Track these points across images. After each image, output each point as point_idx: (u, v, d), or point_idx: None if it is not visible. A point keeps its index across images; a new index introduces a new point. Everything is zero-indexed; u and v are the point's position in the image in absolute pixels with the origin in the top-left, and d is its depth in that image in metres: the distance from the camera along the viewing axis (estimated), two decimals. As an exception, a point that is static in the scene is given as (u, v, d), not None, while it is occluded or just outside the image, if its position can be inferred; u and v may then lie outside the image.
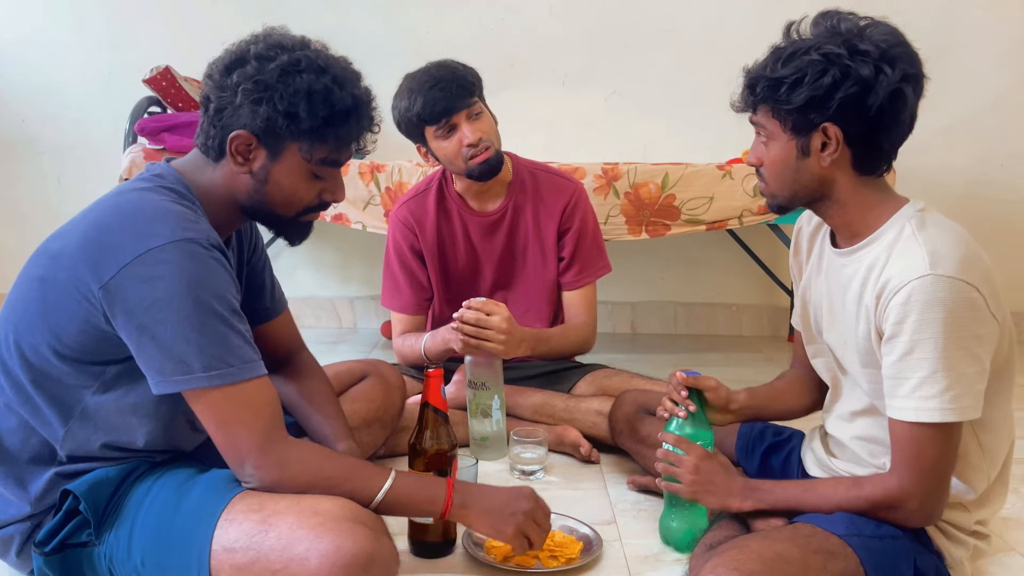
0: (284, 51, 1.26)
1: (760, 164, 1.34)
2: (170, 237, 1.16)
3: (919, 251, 1.20)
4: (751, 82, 1.30)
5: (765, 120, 1.30)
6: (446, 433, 1.47)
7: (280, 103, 1.23)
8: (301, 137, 1.26)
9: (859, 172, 1.29)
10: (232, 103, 1.25)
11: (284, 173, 1.29)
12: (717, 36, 3.16)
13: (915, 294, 1.17)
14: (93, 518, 1.22)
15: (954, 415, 1.18)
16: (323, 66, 1.26)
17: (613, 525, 1.64)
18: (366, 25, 3.15)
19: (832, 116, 1.23)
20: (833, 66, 1.21)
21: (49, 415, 1.24)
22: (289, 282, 1.65)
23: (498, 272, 2.12)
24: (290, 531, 1.14)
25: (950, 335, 1.17)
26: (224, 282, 1.20)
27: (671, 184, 2.56)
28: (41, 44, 3.24)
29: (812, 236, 1.47)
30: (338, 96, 1.26)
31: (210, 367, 1.16)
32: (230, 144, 1.26)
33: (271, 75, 1.24)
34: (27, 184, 3.35)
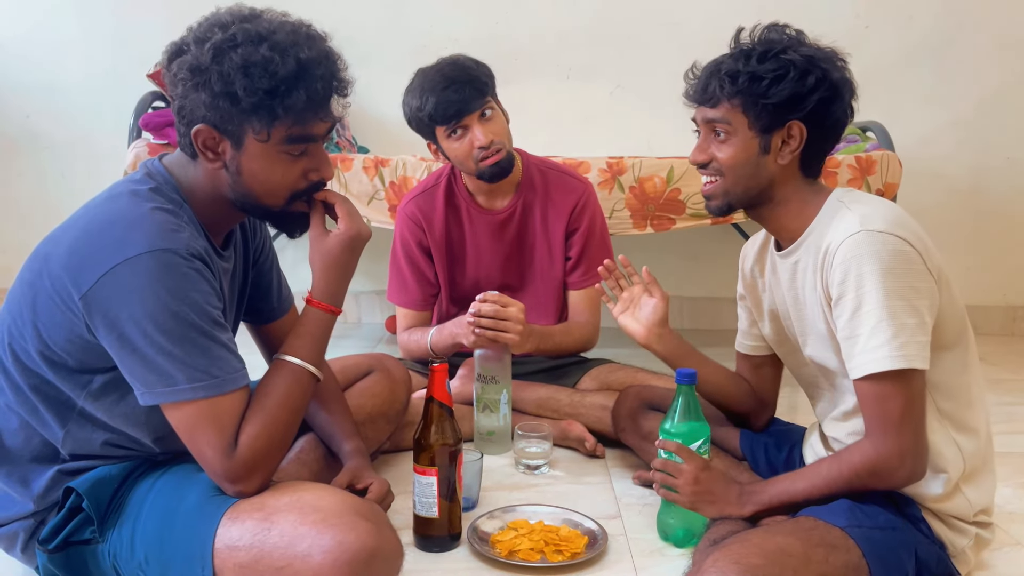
0: (220, 28, 1.18)
1: (710, 161, 1.38)
2: (147, 247, 1.13)
3: (850, 216, 1.27)
4: (730, 74, 1.32)
5: (730, 115, 1.34)
6: (451, 427, 1.47)
7: (216, 84, 1.16)
8: (250, 118, 1.18)
9: (804, 173, 1.37)
10: (183, 97, 1.20)
11: (252, 160, 1.22)
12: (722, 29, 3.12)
13: (850, 250, 1.23)
14: (96, 515, 1.22)
15: (903, 361, 1.21)
16: (261, 35, 1.17)
17: (618, 519, 1.64)
18: (371, 19, 3.15)
19: (803, 116, 1.31)
20: (816, 68, 1.30)
21: (47, 417, 1.24)
22: (293, 277, 1.65)
23: (506, 270, 2.12)
24: (292, 528, 1.14)
25: (888, 286, 1.22)
26: (203, 293, 1.18)
27: (676, 178, 2.56)
28: (45, 40, 3.24)
29: (759, 257, 1.52)
30: (278, 64, 1.16)
31: (194, 379, 1.15)
32: (195, 141, 1.21)
33: (205, 57, 1.16)
34: (31, 180, 3.36)
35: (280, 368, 1.28)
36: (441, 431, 1.46)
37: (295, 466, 1.53)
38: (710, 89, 1.35)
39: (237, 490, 1.20)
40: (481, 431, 1.95)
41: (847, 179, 2.54)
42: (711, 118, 1.36)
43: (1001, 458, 1.39)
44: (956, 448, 1.31)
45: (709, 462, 1.47)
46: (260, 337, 1.57)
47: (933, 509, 1.32)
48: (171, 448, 1.29)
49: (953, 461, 1.31)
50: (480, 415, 1.94)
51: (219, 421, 1.17)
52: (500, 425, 1.93)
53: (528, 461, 1.87)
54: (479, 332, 1.87)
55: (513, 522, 1.55)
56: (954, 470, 1.30)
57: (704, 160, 1.38)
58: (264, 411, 1.22)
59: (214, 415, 1.17)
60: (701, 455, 1.47)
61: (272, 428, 1.22)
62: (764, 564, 1.14)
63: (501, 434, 1.94)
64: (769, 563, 1.15)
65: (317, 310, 1.33)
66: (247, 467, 1.19)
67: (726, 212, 1.41)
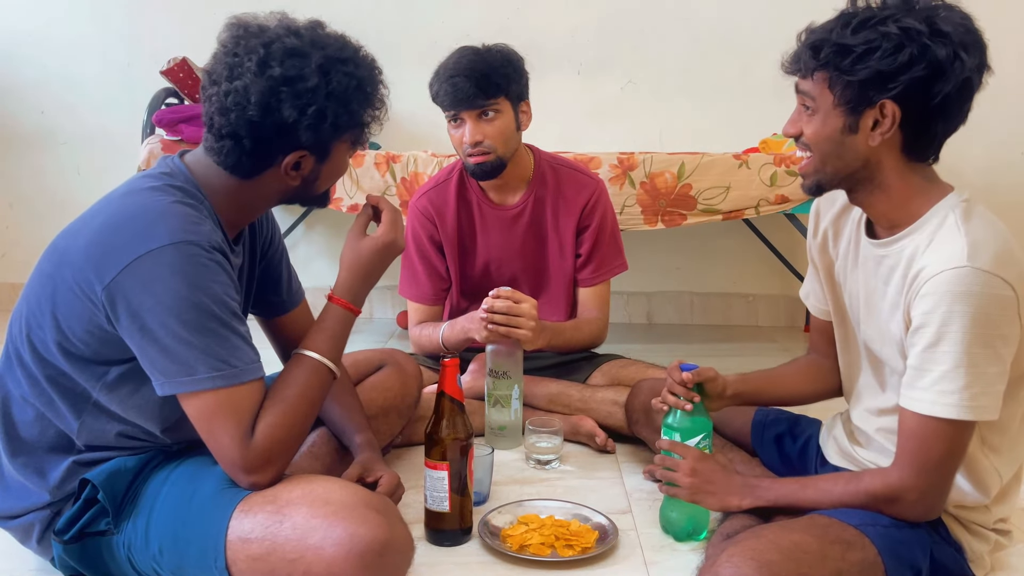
0: (302, 58, 1.20)
1: (799, 135, 1.27)
2: (170, 239, 1.15)
3: (959, 241, 1.16)
4: (815, 44, 1.20)
5: (817, 89, 1.22)
6: (462, 422, 1.48)
7: (340, 118, 1.23)
8: (351, 131, 1.28)
9: (908, 157, 1.23)
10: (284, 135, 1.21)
11: (334, 165, 1.32)
12: (734, 24, 3.14)
13: (948, 285, 1.14)
14: (111, 507, 1.24)
15: (971, 413, 1.16)
16: (338, 56, 1.24)
17: (629, 514, 1.65)
18: (382, 15, 3.15)
19: (895, 95, 1.17)
20: (912, 43, 1.14)
21: (63, 408, 1.25)
22: (305, 272, 1.66)
23: (517, 265, 2.12)
24: (304, 521, 1.15)
25: (977, 331, 1.14)
26: (223, 285, 1.20)
27: (687, 173, 2.55)
28: (60, 36, 3.26)
29: (837, 221, 1.41)
30: (364, 79, 1.26)
31: (213, 368, 1.16)
32: (283, 166, 1.25)
33: (318, 96, 1.20)
34: (46, 175, 3.38)
35: (299, 362, 1.30)
36: (452, 425, 1.47)
37: (307, 459, 1.54)
38: (801, 57, 1.23)
39: (251, 481, 1.20)
40: (492, 426, 1.95)
41: (860, 174, 2.53)
42: (801, 90, 1.25)
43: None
44: (997, 476, 1.28)
45: (707, 454, 1.46)
46: (271, 330, 1.58)
47: (953, 513, 1.30)
48: (182, 439, 1.30)
49: (991, 487, 1.29)
50: (491, 410, 1.95)
51: (237, 411, 1.18)
52: (511, 420, 1.94)
53: (539, 456, 1.87)
54: (492, 328, 1.87)
55: (524, 516, 1.55)
56: (988, 494, 1.29)
57: (793, 133, 1.28)
58: (283, 402, 1.23)
59: (232, 405, 1.18)
60: (700, 449, 1.46)
61: (290, 419, 1.23)
62: (780, 560, 1.13)
63: (512, 429, 1.94)
64: (785, 559, 1.14)
65: (337, 307, 1.36)
66: (263, 457, 1.20)
67: (816, 192, 1.31)
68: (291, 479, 1.24)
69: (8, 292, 3.36)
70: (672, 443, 1.46)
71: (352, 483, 1.27)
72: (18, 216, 3.42)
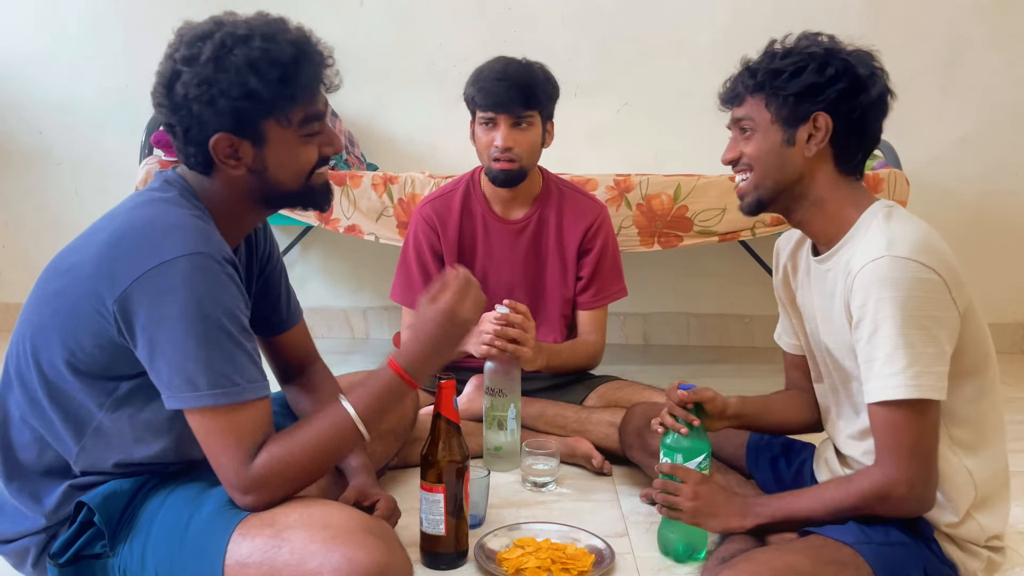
0: (204, 40, 1.20)
1: (739, 157, 1.38)
2: (183, 250, 1.15)
3: (879, 237, 1.25)
4: (751, 70, 1.36)
5: (754, 111, 1.35)
6: (458, 444, 1.47)
7: (232, 90, 1.19)
8: (271, 110, 1.22)
9: (840, 169, 1.35)
10: (193, 116, 1.21)
11: (277, 152, 1.25)
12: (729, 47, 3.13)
13: (871, 275, 1.22)
14: (107, 530, 1.22)
15: (917, 391, 1.20)
16: (247, 33, 1.20)
17: (625, 537, 1.64)
18: (379, 36, 3.17)
19: (826, 107, 1.30)
20: (835, 59, 1.31)
21: (63, 432, 1.24)
22: (302, 292, 1.65)
23: (516, 280, 2.13)
24: (303, 546, 1.14)
25: (907, 314, 1.20)
26: (234, 298, 1.19)
27: (683, 195, 2.56)
28: (59, 57, 3.27)
29: (795, 254, 1.50)
30: (277, 51, 1.20)
31: (215, 384, 1.15)
32: (214, 153, 1.23)
33: (208, 70, 1.18)
34: (44, 196, 3.38)
35: (333, 410, 1.26)
36: (448, 448, 1.46)
37: None
38: (735, 89, 1.38)
39: (246, 502, 1.20)
40: (489, 446, 1.95)
41: (855, 196, 2.54)
42: (737, 117, 1.39)
43: (1011, 477, 1.38)
44: (967, 475, 1.29)
45: (708, 476, 1.46)
46: (269, 350, 1.57)
47: (945, 531, 1.31)
48: (188, 456, 1.29)
49: (964, 488, 1.29)
50: (488, 430, 1.94)
51: (238, 431, 1.18)
52: (508, 440, 1.93)
53: (535, 478, 1.86)
54: (499, 344, 1.88)
55: (520, 540, 1.54)
56: (964, 498, 1.29)
57: (733, 157, 1.39)
58: (294, 441, 1.22)
59: (233, 424, 1.17)
60: (700, 471, 1.46)
61: (294, 459, 1.20)
62: None
63: (509, 450, 1.94)
64: None
65: (391, 372, 1.29)
66: (258, 484, 1.19)
67: (757, 210, 1.39)
68: (289, 502, 1.23)
69: (3, 312, 3.36)
70: (673, 466, 1.46)
71: (350, 507, 1.26)
72: (14, 236, 3.42)
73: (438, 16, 3.19)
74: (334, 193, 1.37)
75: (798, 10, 3.00)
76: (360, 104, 3.18)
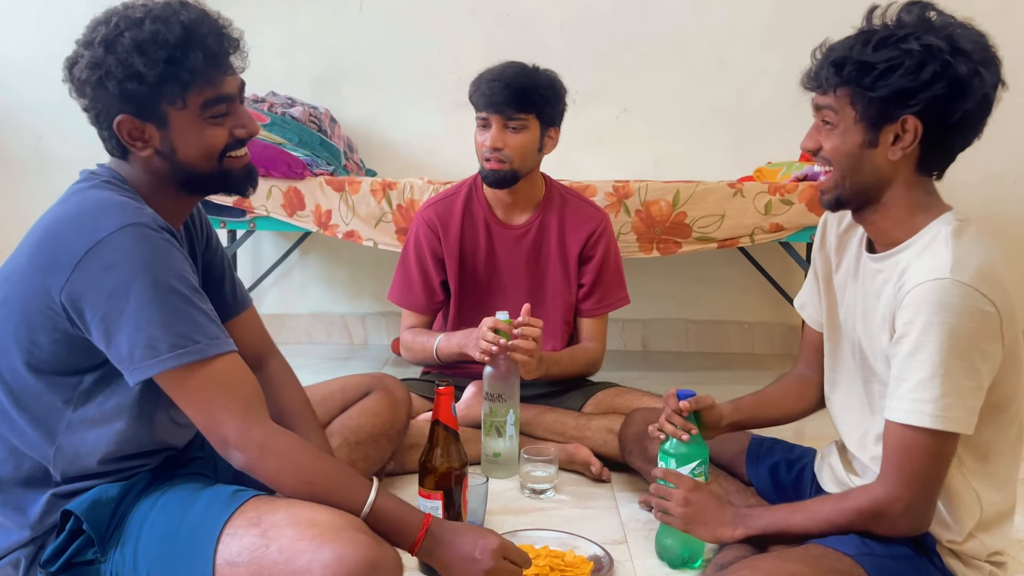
0: (101, 24, 1.22)
1: (818, 149, 1.29)
2: (117, 224, 1.16)
3: (945, 255, 1.19)
4: (837, 61, 1.22)
5: (839, 104, 1.24)
6: (456, 451, 1.47)
7: (118, 72, 1.19)
8: (162, 92, 1.20)
9: (921, 172, 1.25)
10: (92, 99, 1.23)
11: (181, 134, 1.24)
12: (728, 54, 3.16)
13: (928, 295, 1.16)
14: (97, 536, 1.22)
15: (944, 423, 1.17)
16: (140, 16, 1.20)
17: (624, 545, 1.63)
18: (378, 42, 3.18)
19: (916, 112, 1.19)
20: (934, 60, 1.16)
21: (35, 437, 1.24)
22: (300, 298, 1.65)
23: (518, 285, 2.13)
24: (291, 544, 1.14)
25: (954, 343, 1.15)
26: (179, 261, 1.20)
27: (682, 202, 2.56)
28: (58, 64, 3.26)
29: (843, 236, 1.43)
30: (164, 33, 1.19)
31: (176, 345, 1.15)
32: (119, 136, 1.23)
33: (99, 52, 1.20)
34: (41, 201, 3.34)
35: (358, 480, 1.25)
36: (446, 454, 1.46)
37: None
38: (820, 75, 1.25)
39: (240, 459, 1.19)
40: (488, 453, 1.94)
41: (854, 203, 2.54)
42: (820, 105, 1.27)
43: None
44: (975, 497, 1.27)
45: (702, 484, 1.45)
46: None
47: (948, 545, 1.29)
48: (165, 442, 1.29)
49: (970, 509, 1.27)
50: (487, 436, 1.94)
51: (226, 384, 1.18)
52: (507, 447, 1.93)
53: (534, 485, 1.86)
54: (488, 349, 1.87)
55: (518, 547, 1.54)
56: (969, 518, 1.27)
57: (812, 147, 1.29)
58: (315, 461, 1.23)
59: (218, 379, 1.18)
60: (695, 477, 1.46)
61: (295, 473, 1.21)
62: None
63: (507, 456, 1.93)
64: None
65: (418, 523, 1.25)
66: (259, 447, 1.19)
67: (835, 208, 1.32)
68: (275, 501, 1.22)
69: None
70: (666, 471, 1.46)
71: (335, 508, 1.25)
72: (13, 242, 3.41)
73: (437, 22, 3.20)
74: (256, 178, 1.35)
75: (796, 16, 3.01)
76: (359, 110, 3.18)
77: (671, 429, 1.48)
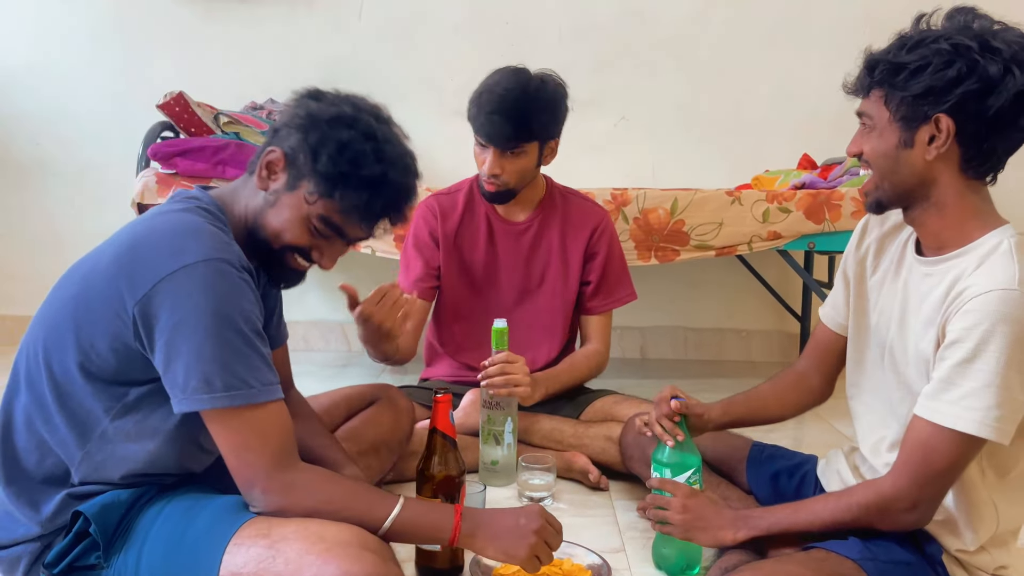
0: (351, 106, 1.31)
1: (860, 153, 1.31)
2: (203, 255, 1.18)
3: (1011, 266, 1.18)
4: (870, 64, 1.26)
5: (874, 106, 1.27)
6: (454, 459, 1.47)
7: (312, 137, 1.28)
8: (312, 179, 1.29)
9: (966, 173, 1.24)
10: (285, 125, 1.32)
11: (288, 205, 1.31)
12: (725, 62, 3.18)
13: (994, 304, 1.15)
14: (102, 540, 1.22)
15: (992, 433, 1.16)
16: (375, 135, 1.29)
17: (622, 553, 1.63)
18: (377, 52, 3.18)
19: (948, 109, 1.20)
20: (960, 58, 1.18)
21: (68, 437, 1.24)
22: (299, 306, 1.66)
23: (516, 281, 2.14)
24: (298, 557, 1.14)
25: (1015, 355, 1.15)
26: (250, 303, 1.22)
27: (680, 209, 2.56)
28: (57, 69, 3.28)
29: (884, 238, 1.42)
30: (369, 163, 1.28)
31: (231, 387, 1.17)
32: (263, 156, 1.31)
33: (323, 114, 1.29)
34: (40, 207, 3.38)
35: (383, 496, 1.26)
36: (444, 462, 1.46)
37: None
38: (859, 77, 1.29)
39: (265, 502, 1.20)
40: (486, 461, 1.94)
41: (851, 212, 2.55)
42: (860, 110, 1.30)
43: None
44: (993, 509, 1.27)
45: (698, 490, 1.46)
46: None
47: (955, 556, 1.29)
48: (188, 468, 1.30)
49: (987, 522, 1.27)
50: (485, 444, 1.93)
51: (261, 431, 1.19)
52: (505, 455, 1.92)
53: (532, 493, 1.86)
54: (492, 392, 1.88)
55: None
56: (985, 531, 1.27)
57: (855, 152, 1.31)
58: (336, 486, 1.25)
59: (252, 425, 1.19)
60: (689, 485, 1.46)
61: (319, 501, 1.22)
62: None
63: (505, 464, 1.93)
64: None
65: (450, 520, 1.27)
66: (285, 489, 1.20)
67: (877, 210, 1.33)
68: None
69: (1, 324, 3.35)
70: (662, 480, 1.46)
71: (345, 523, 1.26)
72: (11, 247, 3.41)
73: (436, 31, 3.21)
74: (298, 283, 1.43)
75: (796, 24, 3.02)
76: (358, 117, 3.18)
77: (660, 432, 1.49)
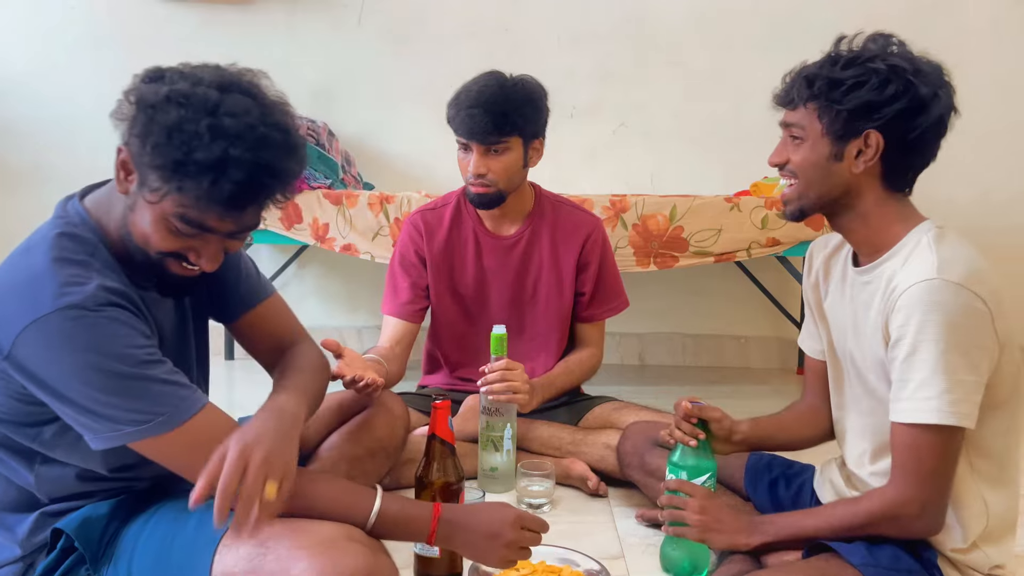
0: (189, 81, 1.12)
1: (784, 163, 1.35)
2: (52, 306, 1.09)
3: (930, 257, 1.23)
4: (808, 77, 1.30)
5: (807, 118, 1.31)
6: (453, 465, 1.46)
7: (137, 125, 1.11)
8: (150, 173, 1.11)
9: (888, 187, 1.31)
10: (120, 119, 1.16)
11: (145, 207, 1.14)
12: (724, 69, 3.18)
13: (919, 296, 1.20)
14: (88, 554, 1.21)
15: (951, 418, 1.19)
16: (215, 109, 1.09)
17: (621, 560, 1.63)
18: (376, 55, 3.19)
19: (879, 126, 1.26)
20: (897, 78, 1.25)
21: (16, 466, 1.24)
22: (297, 311, 1.64)
23: (508, 296, 2.12)
24: (287, 552, 1.13)
25: (951, 339, 1.19)
26: (120, 338, 1.12)
27: (679, 216, 2.57)
28: (57, 76, 3.28)
29: (829, 260, 1.47)
30: (203, 144, 1.07)
31: (138, 421, 1.12)
32: (117, 155, 1.16)
33: (151, 97, 1.11)
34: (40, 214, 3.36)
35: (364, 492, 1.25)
36: (443, 468, 1.45)
37: None
38: (792, 92, 1.33)
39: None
40: (485, 467, 1.93)
41: (850, 218, 2.55)
42: (788, 121, 1.34)
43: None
44: (983, 505, 1.28)
45: (715, 493, 1.46)
46: (241, 337, 1.48)
47: (949, 557, 1.30)
48: (139, 475, 1.27)
49: (977, 517, 1.28)
50: (484, 451, 1.93)
51: (200, 445, 1.13)
52: (504, 461, 1.92)
53: (530, 500, 1.85)
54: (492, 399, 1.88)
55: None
56: (976, 526, 1.28)
57: (779, 161, 1.36)
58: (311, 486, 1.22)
59: (190, 442, 1.15)
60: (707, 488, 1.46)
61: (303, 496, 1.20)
62: None
63: (504, 470, 1.93)
64: None
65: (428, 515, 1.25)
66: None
67: (798, 217, 1.38)
68: None
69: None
70: (680, 482, 1.46)
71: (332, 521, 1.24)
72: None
73: (435, 36, 3.21)
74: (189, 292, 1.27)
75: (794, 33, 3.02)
76: (357, 123, 3.18)
77: (680, 435, 1.49)
